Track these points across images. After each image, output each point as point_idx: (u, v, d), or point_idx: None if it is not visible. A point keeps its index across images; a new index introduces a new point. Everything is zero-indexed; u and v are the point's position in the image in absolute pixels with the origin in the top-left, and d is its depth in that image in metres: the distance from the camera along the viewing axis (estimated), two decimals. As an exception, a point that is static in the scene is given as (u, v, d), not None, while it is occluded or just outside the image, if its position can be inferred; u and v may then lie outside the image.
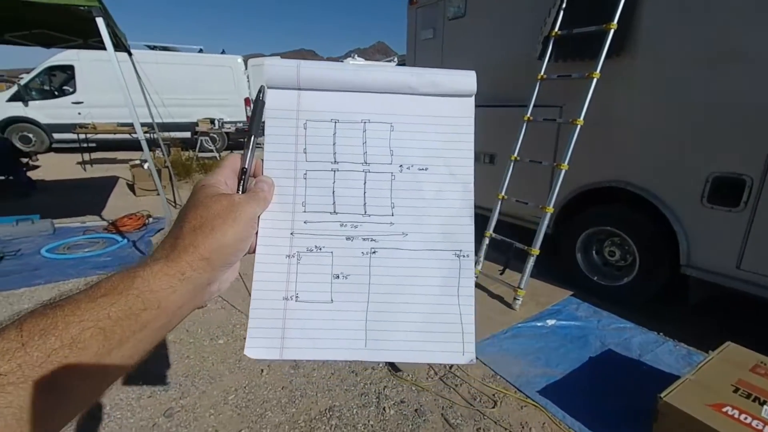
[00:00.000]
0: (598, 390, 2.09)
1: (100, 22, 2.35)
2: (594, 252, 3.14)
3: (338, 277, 0.41)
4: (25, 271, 3.16)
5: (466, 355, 0.42)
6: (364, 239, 0.42)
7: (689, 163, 2.46)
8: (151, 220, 4.33)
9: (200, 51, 10.28)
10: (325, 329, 0.40)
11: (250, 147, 0.40)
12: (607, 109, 2.77)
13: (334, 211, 0.42)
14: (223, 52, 10.72)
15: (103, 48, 3.39)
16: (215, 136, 8.94)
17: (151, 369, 2.11)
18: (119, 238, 3.81)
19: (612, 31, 2.52)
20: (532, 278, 2.92)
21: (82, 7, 2.35)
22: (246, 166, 0.40)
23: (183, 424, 1.77)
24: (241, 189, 0.39)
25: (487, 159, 3.64)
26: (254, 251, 0.40)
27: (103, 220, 4.45)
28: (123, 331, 0.29)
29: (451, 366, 2.21)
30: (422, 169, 0.43)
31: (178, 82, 9.25)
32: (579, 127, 2.63)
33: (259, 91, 0.41)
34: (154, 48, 9.68)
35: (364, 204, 0.42)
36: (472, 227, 0.43)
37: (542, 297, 3.00)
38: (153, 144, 5.56)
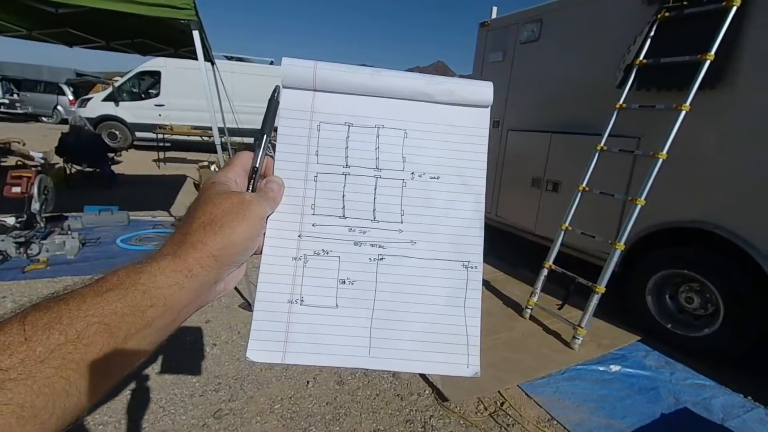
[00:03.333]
0: (672, 455, 1.86)
1: (195, 35, 2.57)
2: (668, 296, 2.86)
3: (344, 282, 0.40)
4: (102, 258, 3.45)
5: (470, 368, 0.40)
6: (372, 245, 0.41)
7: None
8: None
9: (271, 63, 10.94)
10: (329, 335, 0.39)
11: (262, 146, 0.40)
12: (695, 144, 2.54)
13: (343, 216, 0.41)
14: None
15: (191, 57, 3.67)
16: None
17: (205, 367, 2.19)
18: (184, 235, 4.06)
19: (708, 63, 2.32)
20: (594, 317, 2.71)
21: (182, 21, 2.58)
22: (257, 166, 0.39)
23: (231, 428, 1.80)
24: (251, 188, 0.39)
25: (550, 186, 3.48)
26: (261, 252, 0.39)
27: (171, 215, 4.80)
28: (128, 327, 0.28)
29: (503, 403, 2.08)
30: (434, 178, 0.42)
31: (249, 90, 9.88)
32: (661, 161, 2.43)
33: (274, 91, 0.41)
34: (230, 58, 10.44)
35: (374, 210, 0.42)
36: (482, 239, 0.42)
37: (605, 339, 2.77)
38: (222, 147, 5.94)
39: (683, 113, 2.38)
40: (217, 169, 6.23)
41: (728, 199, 2.44)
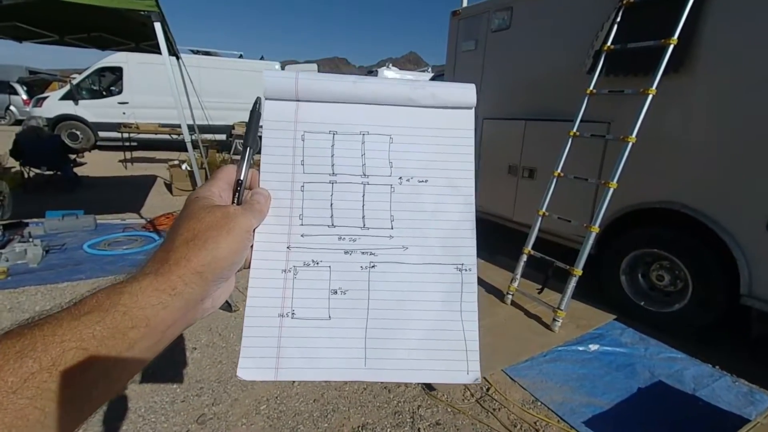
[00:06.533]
0: (651, 425, 1.94)
1: (157, 27, 2.41)
2: (640, 275, 2.97)
3: (336, 292, 0.40)
4: (69, 265, 3.27)
5: (471, 374, 0.40)
6: (362, 253, 0.41)
7: (754, 187, 2.29)
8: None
9: (240, 56, 10.60)
10: (323, 348, 0.38)
11: (246, 158, 0.39)
12: (662, 127, 2.63)
13: (332, 224, 0.41)
14: (262, 58, 11.03)
15: (154, 51, 3.49)
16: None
17: (186, 372, 2.12)
18: (156, 237, 3.91)
19: (671, 47, 2.39)
20: (572, 299, 2.79)
21: (142, 12, 2.43)
22: (241, 178, 0.38)
23: None
24: (236, 201, 0.38)
25: (526, 173, 3.53)
26: (249, 266, 0.39)
27: (142, 218, 4.60)
28: (108, 351, 0.27)
29: (488, 388, 2.12)
30: (422, 181, 0.42)
31: (218, 85, 9.56)
32: (630, 144, 2.50)
33: (256, 102, 0.41)
34: (197, 52, 10.06)
35: (363, 217, 0.41)
36: (474, 240, 0.42)
37: (583, 320, 2.85)
38: (193, 145, 5.73)
39: (650, 97, 2.45)
40: (188, 168, 6.01)
41: (693, 179, 2.54)
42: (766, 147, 2.23)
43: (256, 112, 0.40)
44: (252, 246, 0.38)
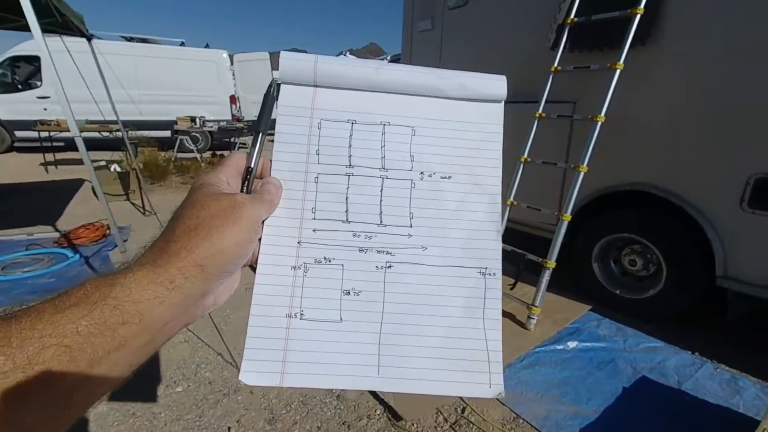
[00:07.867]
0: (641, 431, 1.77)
1: None
2: (612, 261, 2.84)
3: (349, 293, 0.37)
4: (-50, 296, 2.65)
5: (493, 387, 0.36)
6: (378, 252, 0.38)
7: (727, 164, 2.17)
8: (111, 231, 3.82)
9: (182, 44, 9.67)
10: (333, 352, 0.35)
11: (257, 145, 0.37)
12: (628, 105, 2.45)
13: (347, 220, 0.38)
14: (207, 46, 10.12)
15: (69, 34, 2.86)
16: (197, 135, 8.35)
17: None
18: (70, 254, 3.28)
19: (638, 17, 2.21)
20: (546, 292, 2.59)
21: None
22: (251, 166, 0.36)
23: None
24: (245, 190, 0.36)
25: (490, 160, 3.30)
26: (256, 261, 0.36)
27: (56, 230, 3.91)
28: (95, 349, 0.24)
29: (464, 408, 1.85)
30: (445, 178, 0.40)
31: (157, 77, 8.67)
32: (599, 124, 2.31)
33: (270, 86, 0.38)
34: (131, 39, 9.04)
35: (380, 213, 0.39)
36: (499, 243, 0.40)
37: (558, 313, 2.67)
38: (122, 143, 5.04)
39: (617, 72, 2.27)
40: (118, 169, 5.32)
41: (662, 158, 2.40)
42: (738, 123, 2.11)
43: (270, 96, 0.38)
44: (260, 240, 0.36)
